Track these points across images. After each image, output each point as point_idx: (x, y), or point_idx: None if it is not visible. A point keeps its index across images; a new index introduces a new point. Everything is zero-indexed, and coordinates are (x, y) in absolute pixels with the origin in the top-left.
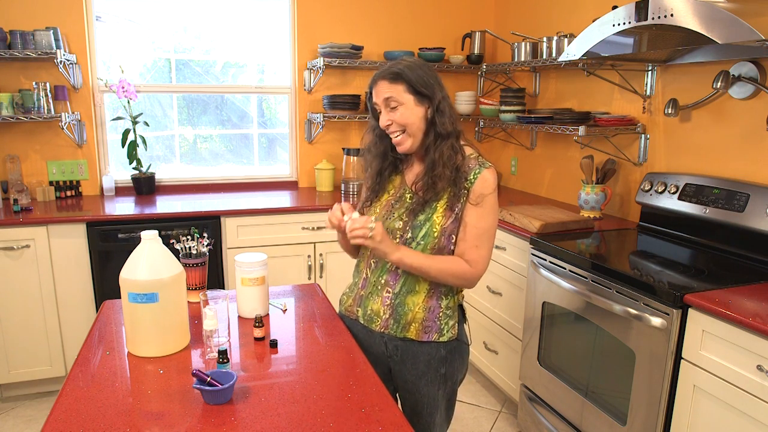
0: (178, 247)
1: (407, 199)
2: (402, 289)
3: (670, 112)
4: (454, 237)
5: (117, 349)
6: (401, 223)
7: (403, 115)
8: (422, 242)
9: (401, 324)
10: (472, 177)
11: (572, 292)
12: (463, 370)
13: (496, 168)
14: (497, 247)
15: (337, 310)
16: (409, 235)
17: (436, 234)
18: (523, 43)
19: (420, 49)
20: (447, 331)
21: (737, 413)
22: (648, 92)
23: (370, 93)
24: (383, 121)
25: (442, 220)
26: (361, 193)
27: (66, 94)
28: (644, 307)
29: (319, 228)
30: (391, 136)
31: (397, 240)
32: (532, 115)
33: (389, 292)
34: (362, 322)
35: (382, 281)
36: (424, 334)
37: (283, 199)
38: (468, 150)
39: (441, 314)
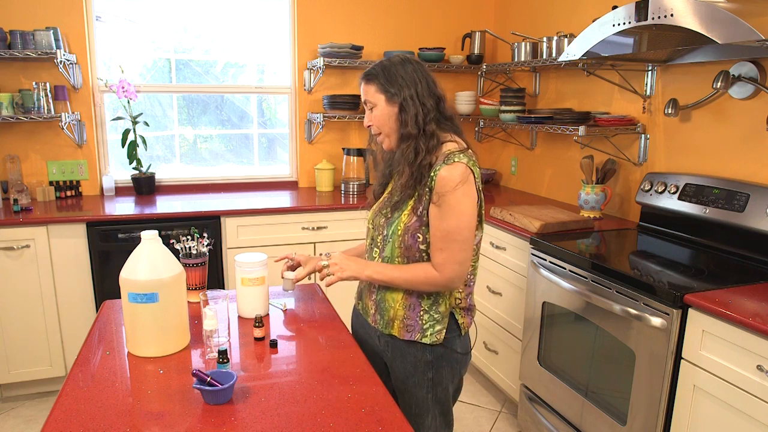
0: (178, 247)
1: (394, 196)
2: (382, 285)
3: (670, 112)
4: (420, 236)
5: (117, 349)
6: (383, 219)
7: (376, 115)
8: (390, 240)
9: (385, 320)
10: (432, 174)
11: (572, 292)
12: (454, 380)
13: (468, 165)
14: (497, 247)
15: None
16: (385, 231)
17: (399, 232)
18: (523, 43)
19: (420, 49)
20: (431, 335)
21: (737, 413)
22: (648, 92)
23: None
24: (365, 122)
25: (407, 218)
26: (368, 192)
27: (66, 94)
28: (644, 307)
29: (319, 228)
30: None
31: (380, 237)
32: (532, 115)
33: (373, 288)
34: (362, 314)
35: None
36: (406, 332)
37: (283, 199)
38: (449, 146)
39: (422, 313)
